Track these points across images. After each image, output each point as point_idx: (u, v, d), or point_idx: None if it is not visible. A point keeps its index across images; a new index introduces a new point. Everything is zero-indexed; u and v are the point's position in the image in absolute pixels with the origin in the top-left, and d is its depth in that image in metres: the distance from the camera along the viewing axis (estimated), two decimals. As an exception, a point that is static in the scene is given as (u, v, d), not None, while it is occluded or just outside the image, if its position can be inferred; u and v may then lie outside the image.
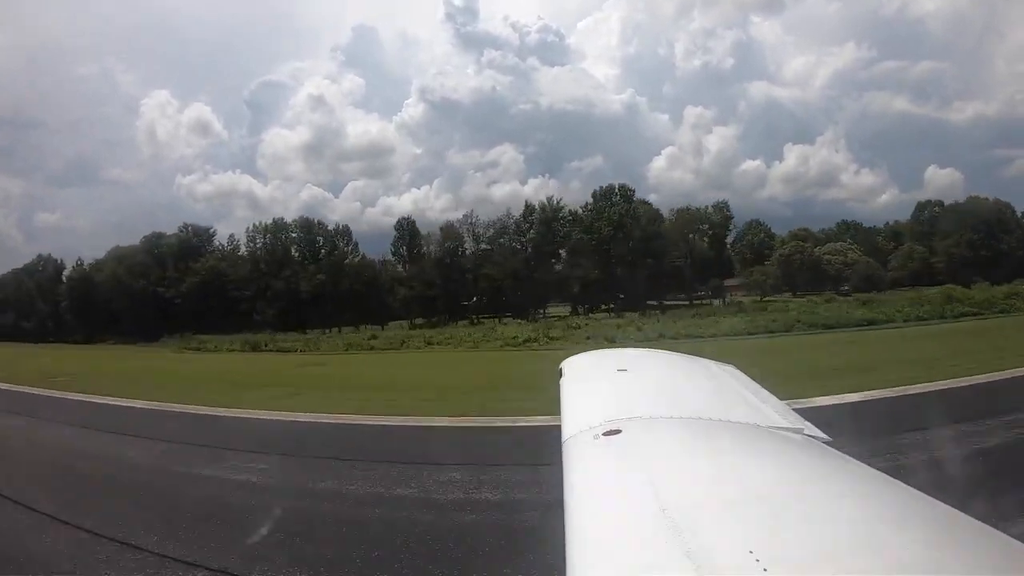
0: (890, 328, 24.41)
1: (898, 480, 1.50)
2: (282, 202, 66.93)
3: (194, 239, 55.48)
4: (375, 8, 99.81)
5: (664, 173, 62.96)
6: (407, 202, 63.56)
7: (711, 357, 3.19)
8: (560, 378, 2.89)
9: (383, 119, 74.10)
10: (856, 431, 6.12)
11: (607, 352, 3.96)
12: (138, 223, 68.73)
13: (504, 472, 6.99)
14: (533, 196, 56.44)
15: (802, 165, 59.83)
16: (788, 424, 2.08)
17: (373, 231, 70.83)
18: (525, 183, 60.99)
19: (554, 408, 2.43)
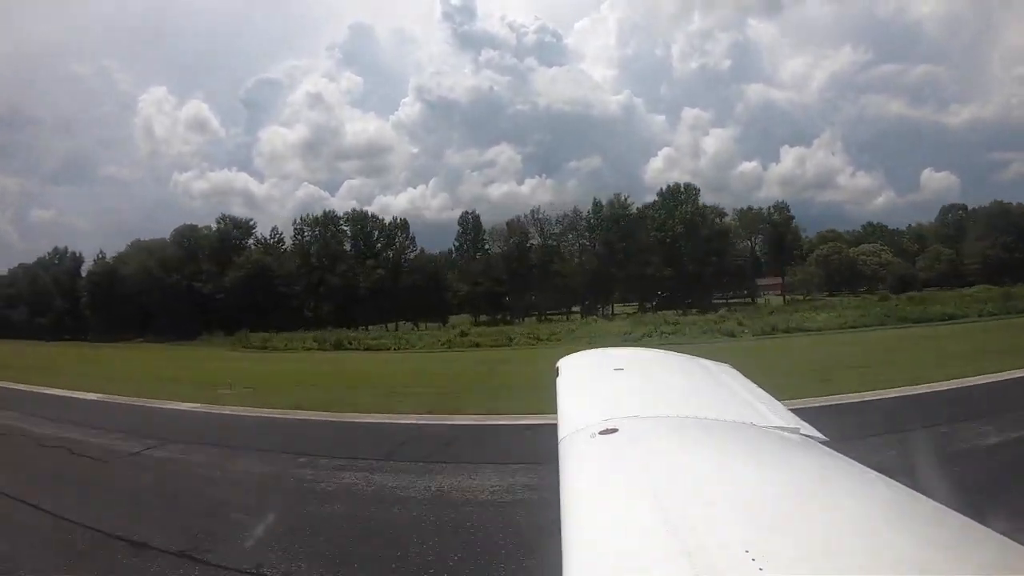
0: (969, 322, 25.34)
1: (895, 480, 1.49)
2: (279, 200, 67.11)
3: (234, 231, 50.96)
4: (372, 6, 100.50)
5: (661, 174, 63.24)
6: (403, 201, 64.00)
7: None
8: (557, 377, 2.88)
9: (379, 118, 75.53)
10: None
11: (604, 351, 3.84)
12: (134, 220, 72.80)
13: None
14: (530, 196, 59.91)
15: (799, 167, 62.06)
16: (785, 424, 2.06)
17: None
18: (522, 183, 62.51)
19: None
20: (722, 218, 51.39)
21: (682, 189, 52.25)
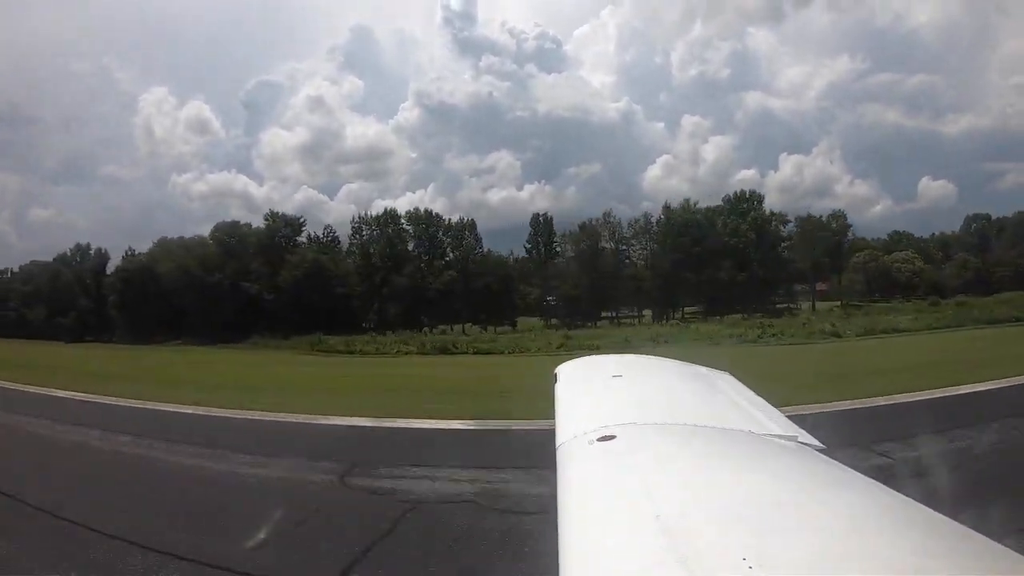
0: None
1: (891, 487, 1.52)
2: (278, 203, 66.81)
3: (284, 229, 47.09)
4: (373, 10, 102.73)
5: (660, 182, 64.98)
6: (402, 206, 61.51)
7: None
8: (555, 383, 2.91)
9: (379, 122, 74.39)
10: None
11: (602, 358, 3.92)
12: (133, 220, 71.01)
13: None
14: (529, 202, 59.36)
15: (797, 175, 63.03)
16: (782, 431, 2.07)
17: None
18: (521, 189, 62.56)
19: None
20: (784, 225, 52.94)
21: (747, 195, 53.25)
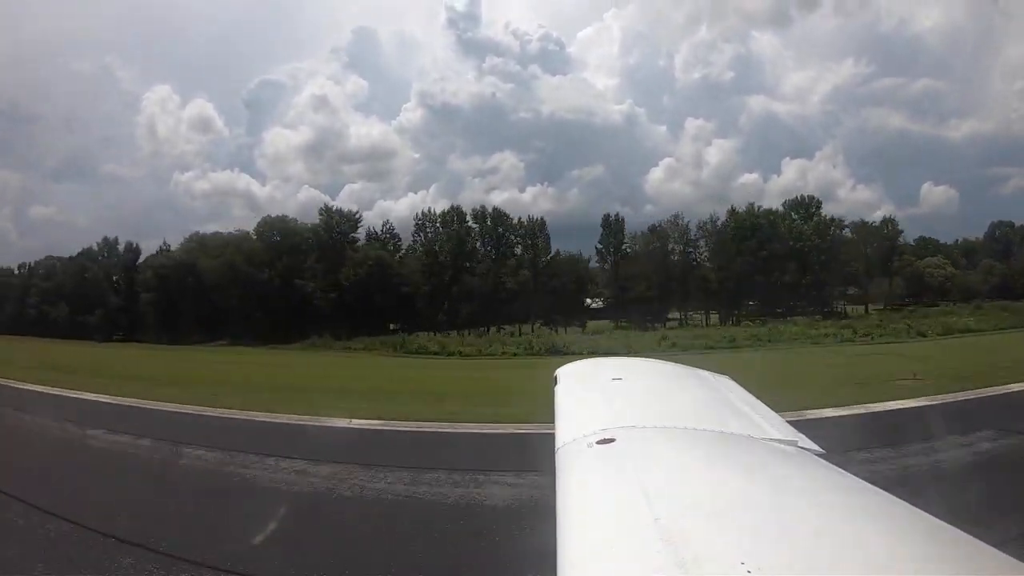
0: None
1: (890, 493, 1.53)
2: (280, 202, 65.74)
3: (342, 225, 45.10)
4: (376, 11, 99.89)
5: (662, 184, 64.07)
6: (404, 206, 61.64)
7: None
8: (555, 386, 2.93)
9: (381, 122, 74.63)
10: None
11: (602, 360, 3.84)
12: (134, 219, 71.79)
13: None
14: (532, 204, 59.36)
15: (800, 179, 61.71)
16: (782, 436, 2.08)
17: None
18: (524, 191, 61.13)
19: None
20: (841, 230, 53.52)
21: (807, 200, 53.34)
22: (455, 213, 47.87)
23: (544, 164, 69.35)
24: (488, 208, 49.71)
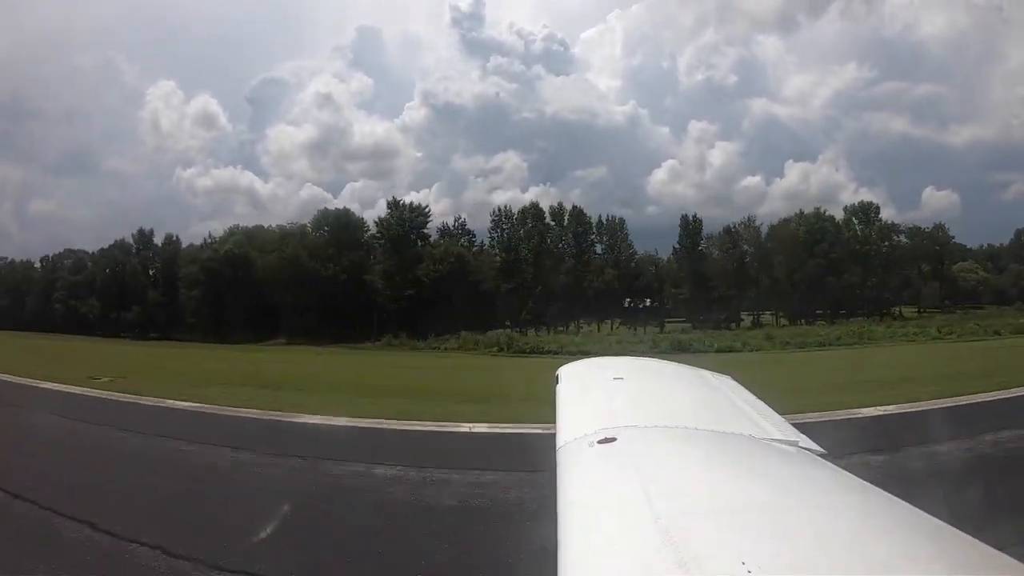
0: None
1: (890, 492, 1.54)
2: (283, 200, 65.06)
3: (415, 219, 43.07)
4: (380, 10, 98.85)
5: (665, 186, 63.83)
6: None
7: None
8: (556, 385, 2.93)
9: (384, 121, 73.48)
10: None
11: (604, 360, 3.82)
12: (134, 215, 72.14)
13: None
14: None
15: (803, 182, 62.02)
16: (783, 436, 2.08)
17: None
18: (526, 190, 60.32)
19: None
20: (899, 235, 54.63)
21: (868, 206, 53.86)
22: (533, 210, 47.13)
23: (547, 164, 70.63)
24: (567, 206, 49.24)
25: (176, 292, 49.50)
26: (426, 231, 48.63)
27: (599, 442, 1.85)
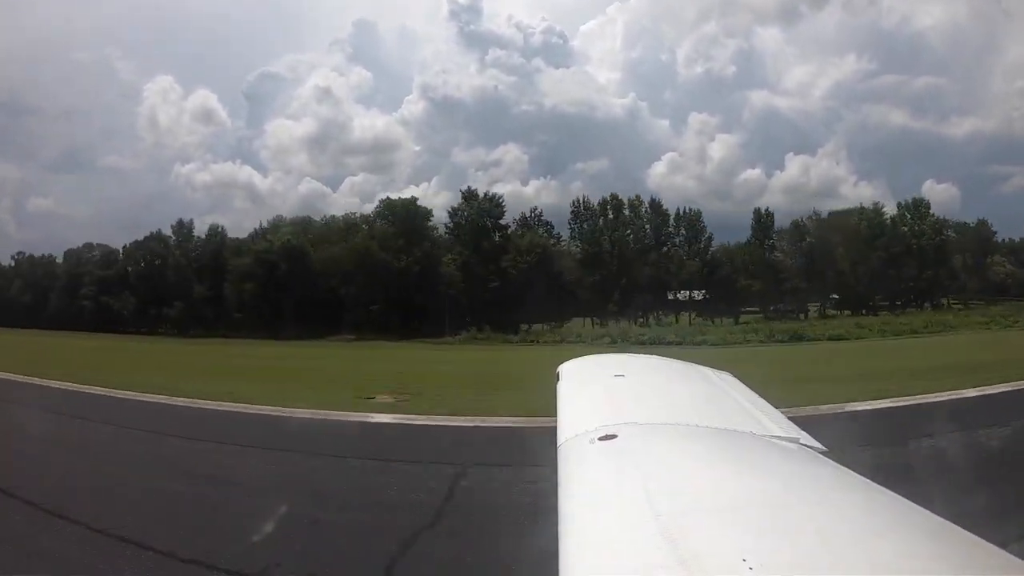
0: None
1: (891, 490, 1.51)
2: (281, 194, 65.38)
3: (493, 209, 41.76)
4: (377, 3, 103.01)
5: (665, 179, 64.63)
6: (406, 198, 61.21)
7: None
8: (557, 381, 2.93)
9: (382, 115, 74.03)
10: None
11: (605, 357, 3.81)
12: (133, 211, 69.93)
13: None
14: (535, 197, 59.93)
15: (803, 175, 62.97)
16: (784, 433, 2.06)
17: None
18: (527, 184, 61.06)
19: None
20: (948, 230, 55.30)
21: (921, 202, 55.16)
22: (613, 202, 46.60)
23: (547, 157, 70.93)
24: (645, 198, 48.84)
25: (222, 286, 45.76)
26: (502, 222, 47.54)
27: (600, 439, 1.84)
